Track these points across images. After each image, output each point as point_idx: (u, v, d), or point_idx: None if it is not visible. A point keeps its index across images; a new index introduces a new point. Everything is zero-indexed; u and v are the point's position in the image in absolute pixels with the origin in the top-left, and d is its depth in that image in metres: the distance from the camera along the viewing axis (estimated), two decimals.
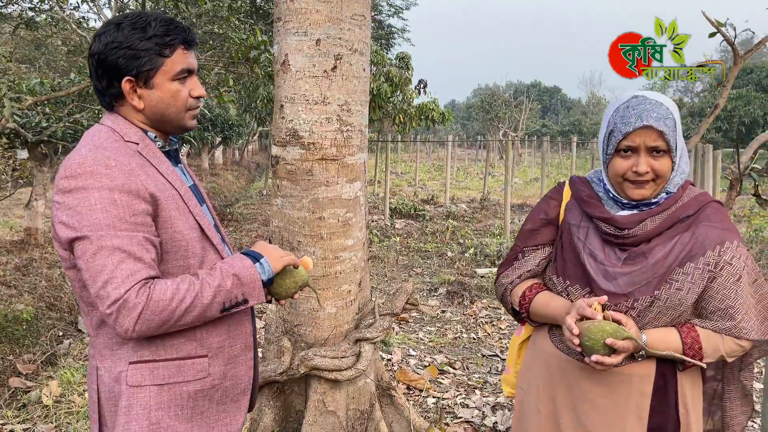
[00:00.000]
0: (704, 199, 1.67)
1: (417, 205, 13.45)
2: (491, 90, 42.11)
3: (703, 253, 1.59)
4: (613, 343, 1.48)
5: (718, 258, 1.59)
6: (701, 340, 1.60)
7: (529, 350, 1.94)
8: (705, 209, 1.65)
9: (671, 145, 1.60)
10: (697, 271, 1.59)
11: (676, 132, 1.61)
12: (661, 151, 1.61)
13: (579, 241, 1.71)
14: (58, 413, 3.51)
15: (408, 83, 11.39)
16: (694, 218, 1.64)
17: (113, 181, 1.36)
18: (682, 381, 1.67)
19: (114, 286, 1.32)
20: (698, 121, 26.99)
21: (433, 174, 24.95)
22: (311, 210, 2.69)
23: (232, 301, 1.47)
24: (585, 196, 1.75)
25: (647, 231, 1.63)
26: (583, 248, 1.70)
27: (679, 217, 1.63)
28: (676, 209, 1.65)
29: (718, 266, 1.59)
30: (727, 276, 1.59)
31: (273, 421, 2.89)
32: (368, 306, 3.02)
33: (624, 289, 1.62)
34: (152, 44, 1.46)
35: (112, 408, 1.49)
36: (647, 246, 1.64)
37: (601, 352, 1.51)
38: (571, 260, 1.72)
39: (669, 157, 1.61)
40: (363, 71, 2.72)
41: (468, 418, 3.66)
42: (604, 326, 1.51)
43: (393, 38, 21.47)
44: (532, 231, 1.86)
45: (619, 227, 1.64)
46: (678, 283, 1.59)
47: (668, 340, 1.59)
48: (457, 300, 6.35)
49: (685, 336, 1.60)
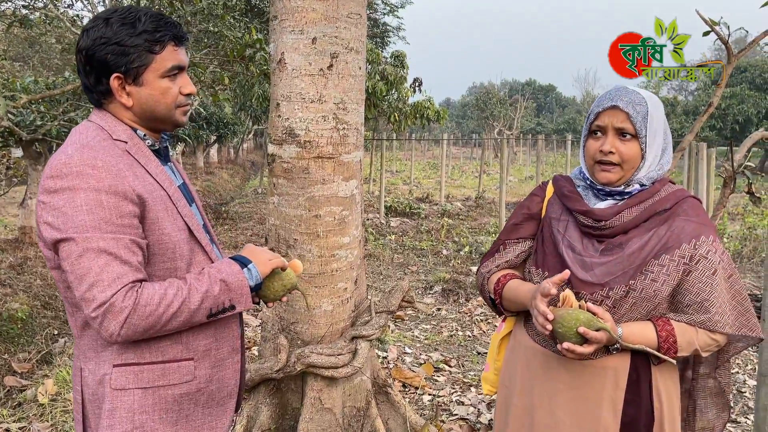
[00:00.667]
0: (682, 194, 1.70)
1: (412, 203, 13.46)
2: (486, 88, 42.14)
3: (678, 245, 1.62)
4: (585, 333, 1.50)
5: (694, 251, 1.62)
6: (676, 334, 1.61)
7: (509, 345, 1.96)
8: (682, 204, 1.68)
9: (638, 130, 1.63)
10: (672, 263, 1.61)
11: (646, 120, 1.63)
12: (628, 135, 1.64)
13: (558, 233, 1.77)
14: (54, 412, 3.51)
15: (403, 81, 11.38)
16: (672, 212, 1.67)
17: (100, 182, 1.33)
18: (657, 375, 1.69)
19: (100, 289, 1.29)
20: (692, 120, 27.09)
21: (429, 172, 24.96)
22: (307, 208, 2.70)
23: (219, 306, 1.45)
24: (566, 191, 1.80)
25: (624, 222, 1.66)
26: (561, 240, 1.75)
27: (656, 210, 1.66)
28: (653, 203, 1.68)
29: (693, 260, 1.62)
30: (703, 270, 1.62)
31: (269, 419, 2.90)
32: (364, 303, 3.03)
33: (600, 279, 1.65)
34: (142, 40, 1.42)
35: (96, 410, 1.46)
36: (624, 237, 1.67)
37: (572, 340, 1.53)
38: (551, 252, 1.77)
39: (637, 143, 1.64)
40: (359, 69, 2.72)
41: (463, 416, 3.68)
42: (578, 315, 1.53)
43: (388, 36, 21.45)
44: (515, 225, 1.91)
45: (597, 219, 1.69)
46: (653, 274, 1.62)
47: (644, 334, 1.61)
48: (453, 298, 6.36)
49: (660, 329, 1.62)
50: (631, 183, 1.69)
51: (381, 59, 11.33)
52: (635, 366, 1.67)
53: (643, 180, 1.69)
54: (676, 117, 28.91)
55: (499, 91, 44.73)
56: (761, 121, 26.19)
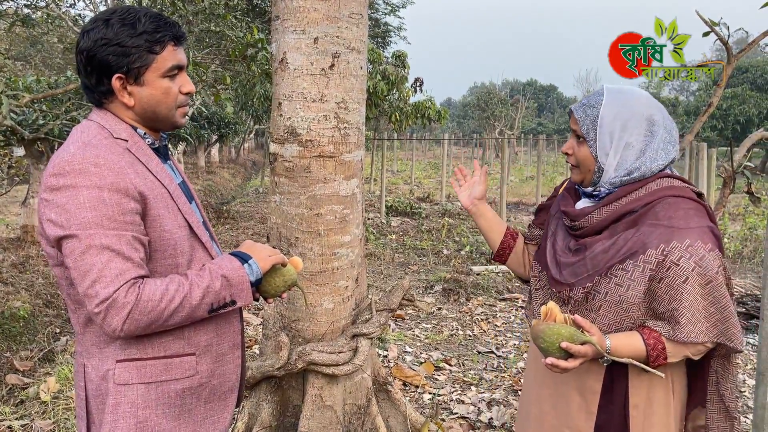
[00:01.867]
0: (661, 194, 1.60)
1: (413, 203, 13.48)
2: (487, 88, 42.12)
3: (643, 251, 1.55)
4: (568, 348, 1.47)
5: (662, 258, 1.53)
6: (663, 340, 1.56)
7: (530, 349, 2.01)
8: (656, 205, 1.59)
9: (584, 133, 1.63)
10: (636, 269, 1.56)
11: (595, 124, 1.61)
12: (581, 138, 1.65)
13: (549, 230, 1.84)
14: (56, 409, 3.53)
15: (404, 81, 11.40)
16: (640, 214, 1.60)
17: (102, 180, 1.35)
18: (637, 382, 1.64)
19: (103, 285, 1.31)
20: (694, 120, 27.06)
21: (429, 172, 24.98)
22: (309, 207, 2.71)
23: (220, 302, 1.46)
24: (566, 191, 1.85)
25: (592, 223, 1.66)
26: (549, 237, 1.82)
27: (626, 211, 1.61)
28: (626, 203, 1.62)
29: (663, 266, 1.53)
30: (674, 277, 1.53)
31: (270, 416, 2.91)
32: (365, 302, 3.04)
33: (567, 279, 1.67)
34: (142, 41, 1.44)
35: (99, 406, 1.48)
36: (591, 239, 1.66)
37: (556, 354, 1.50)
38: (543, 247, 1.85)
39: (586, 146, 1.64)
40: (360, 69, 2.74)
41: (464, 414, 3.69)
42: (560, 329, 1.49)
43: (389, 36, 21.47)
44: (535, 212, 2.09)
45: (571, 218, 1.71)
46: (617, 278, 1.58)
47: (631, 343, 1.56)
48: (453, 297, 6.37)
49: (647, 337, 1.57)
50: (599, 185, 1.68)
51: (382, 59, 11.34)
52: (610, 373, 1.65)
53: (612, 180, 1.64)
54: (677, 117, 28.90)
55: (500, 91, 44.73)
56: (762, 121, 26.18)
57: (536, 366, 1.85)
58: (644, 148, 1.62)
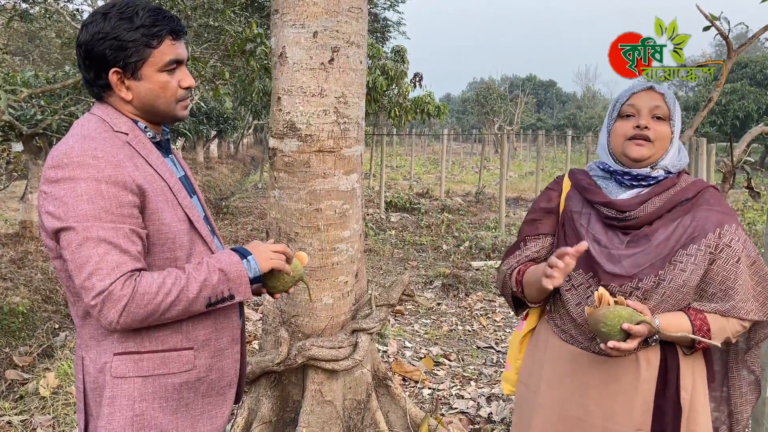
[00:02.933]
0: (702, 184, 1.72)
1: (412, 198, 13.47)
2: (486, 84, 42.01)
3: (704, 235, 1.64)
4: (629, 329, 1.50)
5: (718, 240, 1.64)
6: (709, 322, 1.63)
7: (531, 344, 1.95)
8: (704, 193, 1.70)
9: (671, 111, 1.69)
10: (699, 253, 1.63)
11: (675, 105, 1.70)
12: (661, 116, 1.69)
13: (582, 227, 1.76)
14: (55, 405, 3.53)
15: (403, 77, 11.39)
16: (694, 202, 1.69)
17: (100, 172, 1.35)
18: (684, 365, 1.70)
19: (99, 277, 1.31)
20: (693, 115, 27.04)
21: (429, 167, 24.96)
22: (308, 202, 2.70)
23: (218, 296, 1.46)
24: (585, 183, 1.80)
25: (648, 213, 1.67)
26: (586, 233, 1.74)
27: (679, 200, 1.68)
28: (675, 193, 1.69)
29: (717, 248, 1.63)
30: (727, 258, 1.63)
31: (270, 411, 2.91)
32: (365, 297, 3.04)
33: (629, 271, 1.65)
34: (139, 35, 1.43)
35: (97, 398, 1.48)
36: (650, 228, 1.68)
37: (617, 337, 1.52)
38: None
39: (668, 125, 1.69)
40: (360, 63, 2.73)
41: (463, 409, 3.70)
42: (621, 311, 1.51)
43: (389, 31, 21.43)
44: (533, 220, 1.91)
45: (620, 210, 1.69)
46: (682, 264, 1.63)
47: (680, 324, 1.62)
48: (453, 293, 6.38)
49: (694, 319, 1.63)
50: (656, 167, 1.71)
51: (381, 54, 11.32)
52: (665, 356, 1.68)
53: (668, 166, 1.71)
54: None
55: (500, 86, 44.67)
56: (761, 116, 26.16)
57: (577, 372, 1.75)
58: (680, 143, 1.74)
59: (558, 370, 1.79)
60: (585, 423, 1.72)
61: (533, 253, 1.88)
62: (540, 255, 1.88)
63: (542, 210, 1.90)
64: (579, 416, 1.73)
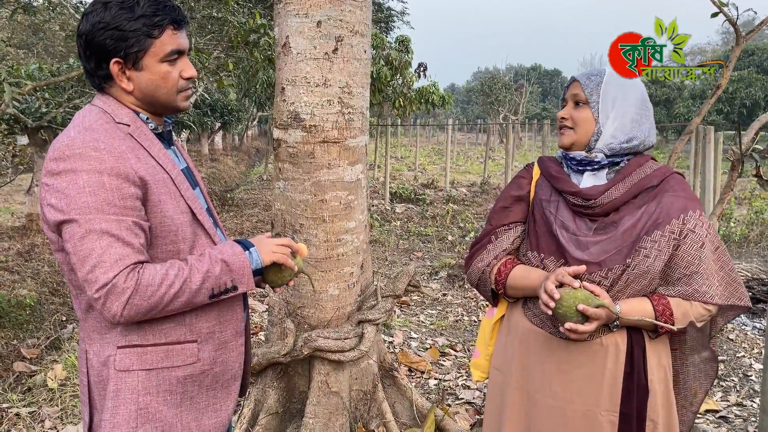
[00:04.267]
0: (667, 171, 1.74)
1: (417, 189, 13.45)
2: (491, 73, 41.87)
3: (668, 221, 1.66)
4: (585, 310, 1.54)
5: (683, 226, 1.66)
6: (672, 307, 1.66)
7: (503, 329, 1.97)
8: (669, 180, 1.73)
9: (587, 95, 1.73)
10: (663, 239, 1.65)
11: (599, 88, 1.73)
12: (581, 102, 1.75)
13: (551, 214, 1.79)
14: (63, 396, 3.54)
15: (408, 66, 11.32)
16: (659, 188, 1.71)
17: (102, 164, 1.33)
18: (651, 349, 1.73)
19: (102, 270, 1.30)
20: (699, 104, 26.89)
21: (433, 158, 24.91)
22: (313, 193, 2.69)
23: (221, 287, 1.45)
24: (554, 172, 1.83)
25: (612, 200, 1.70)
26: (554, 221, 1.77)
27: (644, 187, 1.71)
28: (639, 179, 1.72)
29: (682, 234, 1.66)
30: (691, 243, 1.66)
31: (277, 402, 2.92)
32: (370, 288, 3.03)
33: (596, 258, 1.68)
34: (140, 25, 1.41)
35: (101, 392, 1.47)
36: (617, 215, 1.71)
37: (573, 319, 1.56)
38: (544, 234, 1.79)
39: (588, 108, 1.74)
40: (364, 53, 2.71)
41: (469, 399, 3.70)
42: (576, 293, 1.56)
43: (392, 21, 21.31)
44: (504, 208, 1.92)
45: (586, 198, 1.72)
46: (646, 250, 1.66)
47: (642, 309, 1.66)
48: (458, 283, 6.37)
49: (656, 304, 1.67)
50: (592, 151, 1.75)
51: (385, 44, 11.26)
52: (631, 341, 1.71)
53: (605, 149, 1.73)
54: (682, 101, 28.70)
55: (504, 76, 44.46)
56: None
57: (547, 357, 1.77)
58: (640, 119, 1.74)
59: (529, 354, 1.82)
60: (554, 406, 1.75)
61: (508, 246, 1.88)
62: (514, 246, 1.89)
63: (513, 198, 1.91)
64: (549, 399, 1.77)
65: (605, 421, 1.70)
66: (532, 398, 1.80)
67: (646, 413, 1.71)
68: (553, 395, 1.75)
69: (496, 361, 1.96)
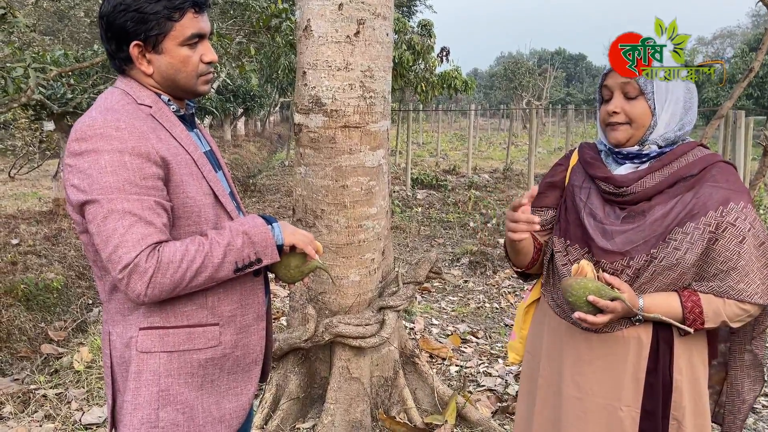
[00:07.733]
0: (711, 159, 1.62)
1: (439, 175, 13.38)
2: (514, 58, 41.38)
3: (704, 213, 1.55)
4: (595, 301, 1.49)
5: (721, 219, 1.54)
6: (702, 304, 1.57)
7: (536, 315, 1.95)
8: (711, 169, 1.60)
9: (642, 87, 1.60)
10: (696, 231, 1.55)
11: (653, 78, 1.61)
12: (631, 95, 1.62)
13: (580, 201, 1.73)
14: (89, 378, 3.60)
15: (430, 51, 11.20)
16: (699, 178, 1.60)
17: (123, 144, 1.33)
18: (679, 346, 1.65)
19: (125, 250, 1.30)
20: (728, 88, 26.27)
21: (456, 144, 24.74)
22: (334, 178, 2.68)
23: (244, 260, 1.43)
24: (589, 158, 1.76)
25: (646, 189, 1.61)
26: (583, 208, 1.71)
27: (682, 176, 1.60)
28: (679, 168, 1.61)
29: (720, 227, 1.55)
30: (730, 237, 1.54)
31: (298, 387, 2.93)
32: (391, 274, 3.02)
33: (621, 247, 1.61)
34: (161, 7, 1.40)
35: (123, 373, 1.48)
36: (647, 204, 1.62)
37: (584, 309, 1.52)
38: (573, 221, 1.74)
39: (644, 100, 1.61)
40: (386, 36, 2.67)
41: (491, 387, 3.68)
42: (587, 283, 1.51)
43: (415, 5, 21.12)
44: (539, 194, 1.88)
45: (618, 185, 1.64)
46: (676, 242, 1.56)
47: (668, 304, 1.58)
48: (480, 270, 6.33)
49: (685, 300, 1.57)
50: (645, 143, 1.64)
51: (408, 28, 11.16)
52: (657, 337, 1.64)
53: (659, 141, 1.63)
54: (711, 86, 28.07)
55: (528, 60, 43.89)
56: None
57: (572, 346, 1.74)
58: (688, 105, 1.63)
59: (555, 344, 1.80)
60: (577, 397, 1.72)
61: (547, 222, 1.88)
62: (543, 230, 1.88)
63: (546, 184, 1.88)
64: (572, 390, 1.73)
65: (626, 417, 1.65)
66: (558, 388, 1.78)
67: (670, 411, 1.65)
68: (576, 387, 1.72)
69: (529, 344, 1.95)
